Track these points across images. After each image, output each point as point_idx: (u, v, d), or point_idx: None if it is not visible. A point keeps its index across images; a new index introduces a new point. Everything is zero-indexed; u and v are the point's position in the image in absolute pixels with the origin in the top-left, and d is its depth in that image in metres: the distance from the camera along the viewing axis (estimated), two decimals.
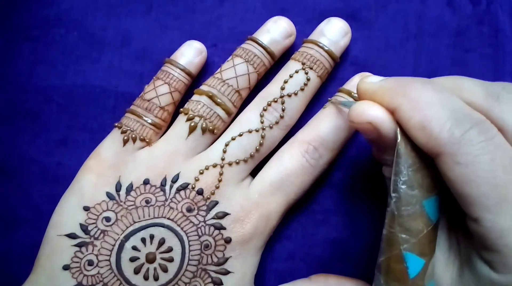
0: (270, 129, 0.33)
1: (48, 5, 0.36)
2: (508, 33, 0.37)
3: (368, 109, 0.26)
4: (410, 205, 0.25)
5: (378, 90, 0.26)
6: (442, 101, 0.24)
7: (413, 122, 0.24)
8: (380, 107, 0.26)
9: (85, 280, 0.30)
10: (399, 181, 0.25)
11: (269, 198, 0.32)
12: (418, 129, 0.24)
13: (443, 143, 0.23)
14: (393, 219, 0.25)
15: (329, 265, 0.35)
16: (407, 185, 0.25)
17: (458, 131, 0.23)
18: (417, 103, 0.24)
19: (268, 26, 0.34)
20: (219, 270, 0.31)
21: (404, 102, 0.25)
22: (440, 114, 0.24)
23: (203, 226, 0.31)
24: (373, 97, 0.26)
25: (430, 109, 0.24)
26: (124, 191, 0.32)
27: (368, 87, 0.27)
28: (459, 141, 0.23)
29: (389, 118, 0.25)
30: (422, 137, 0.24)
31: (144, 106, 0.33)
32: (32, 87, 0.36)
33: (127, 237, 0.31)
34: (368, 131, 0.26)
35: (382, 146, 0.27)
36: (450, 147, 0.23)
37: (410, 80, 0.26)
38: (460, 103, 0.25)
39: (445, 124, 0.24)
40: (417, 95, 0.25)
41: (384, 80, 0.27)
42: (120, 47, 0.36)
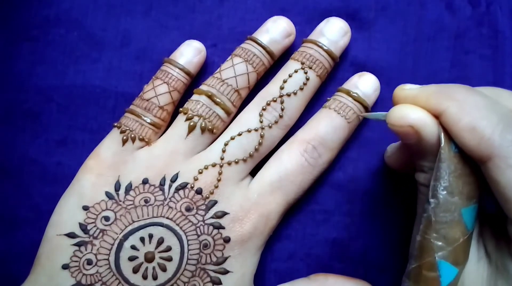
0: (269, 128, 0.33)
1: (48, 5, 0.36)
2: (507, 34, 0.36)
3: (410, 111, 0.25)
4: (448, 212, 0.24)
5: (421, 94, 0.26)
6: (490, 105, 0.24)
7: (462, 124, 0.24)
8: (423, 110, 0.25)
9: (84, 279, 0.30)
10: (439, 186, 0.24)
11: (269, 197, 0.32)
12: (468, 131, 0.24)
13: (496, 146, 0.23)
14: (429, 225, 0.24)
15: (329, 265, 0.35)
16: (447, 191, 0.24)
17: (510, 134, 0.23)
18: (465, 106, 0.24)
19: (268, 26, 0.34)
20: (218, 269, 0.31)
21: (451, 104, 0.24)
22: (490, 116, 0.24)
23: (202, 225, 0.31)
24: (415, 101, 0.26)
25: (479, 112, 0.24)
26: (123, 190, 0.32)
27: (408, 93, 0.27)
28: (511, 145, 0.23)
29: (432, 121, 0.25)
30: (473, 139, 0.23)
31: (143, 106, 0.33)
32: (32, 87, 0.36)
33: (126, 237, 0.30)
34: (409, 135, 0.25)
35: (421, 151, 0.26)
36: (504, 150, 0.23)
37: (453, 85, 0.26)
38: (506, 108, 0.25)
39: (497, 127, 0.23)
40: (464, 98, 0.24)
41: (424, 86, 0.27)
42: (120, 47, 0.36)
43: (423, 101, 0.26)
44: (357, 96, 0.33)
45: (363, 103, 0.33)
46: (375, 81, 0.35)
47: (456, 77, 0.36)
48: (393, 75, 0.36)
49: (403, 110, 0.25)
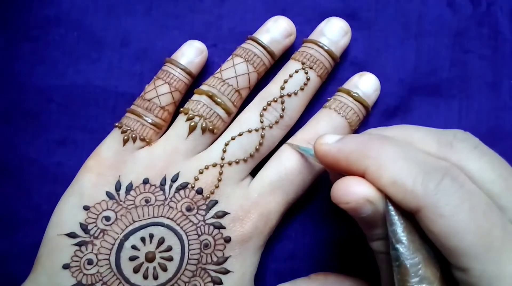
0: (270, 128, 0.33)
1: (48, 5, 0.36)
2: (507, 36, 0.37)
3: (357, 185, 0.25)
4: (417, 251, 0.24)
5: (340, 154, 0.26)
6: (405, 154, 0.24)
7: (384, 181, 0.24)
8: (365, 181, 0.25)
9: (85, 279, 0.30)
10: (398, 229, 0.24)
11: (269, 197, 0.32)
12: (391, 187, 0.24)
13: (421, 197, 0.23)
14: (406, 272, 0.23)
15: (329, 265, 0.35)
16: (407, 231, 0.24)
17: (432, 183, 0.23)
18: (382, 161, 0.24)
19: (268, 26, 0.34)
20: (219, 269, 0.31)
21: (370, 163, 0.25)
22: (408, 167, 0.24)
23: (203, 225, 0.31)
24: (336, 162, 0.26)
25: (396, 164, 0.24)
26: (123, 190, 0.32)
27: (327, 149, 0.27)
28: (436, 193, 0.23)
29: (375, 188, 0.25)
30: (397, 194, 0.24)
31: (144, 106, 0.33)
32: (32, 87, 0.36)
33: (126, 236, 0.31)
34: (364, 208, 0.25)
35: (371, 221, 0.26)
36: (429, 200, 0.23)
37: (367, 139, 0.26)
38: (422, 154, 0.25)
39: (417, 177, 0.23)
40: (379, 153, 0.25)
41: (340, 142, 0.27)
42: (120, 47, 0.36)
43: (344, 163, 0.26)
44: (357, 96, 0.33)
45: (364, 103, 0.34)
46: (376, 81, 0.35)
47: (456, 76, 0.36)
48: (393, 74, 0.36)
49: (351, 186, 0.25)
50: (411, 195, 0.23)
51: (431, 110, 0.36)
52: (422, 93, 0.36)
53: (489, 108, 0.36)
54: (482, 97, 0.36)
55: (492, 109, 0.36)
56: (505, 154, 0.27)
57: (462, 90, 0.36)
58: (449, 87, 0.36)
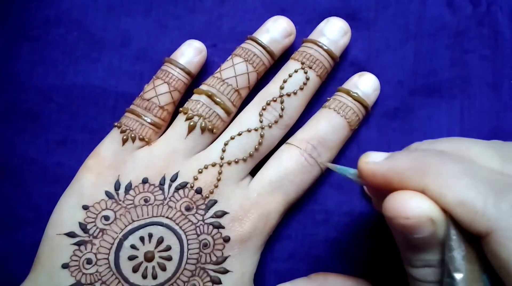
0: (269, 128, 0.33)
1: (48, 5, 0.36)
2: (507, 36, 0.36)
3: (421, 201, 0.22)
4: (475, 283, 0.22)
5: (391, 173, 0.24)
6: (469, 171, 0.22)
7: (449, 200, 0.22)
8: (426, 197, 0.22)
9: (84, 278, 0.30)
10: (458, 256, 0.22)
11: (268, 197, 0.32)
12: (457, 207, 0.21)
13: (493, 219, 0.21)
14: None
15: (329, 265, 0.35)
16: (467, 260, 0.22)
17: (505, 204, 0.21)
18: (444, 178, 0.22)
19: (268, 26, 0.34)
20: (218, 269, 0.31)
21: (429, 181, 0.22)
22: (475, 185, 0.22)
23: (202, 225, 0.31)
24: (387, 182, 0.24)
25: (461, 182, 0.22)
26: (123, 190, 0.32)
27: (375, 169, 0.24)
28: (510, 215, 0.21)
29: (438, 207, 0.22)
30: (465, 214, 0.21)
31: (143, 106, 0.33)
32: (32, 87, 0.36)
33: (125, 236, 0.30)
34: (425, 228, 0.22)
35: (429, 243, 0.23)
36: (503, 223, 0.20)
37: (421, 155, 0.24)
38: (486, 170, 0.23)
39: (488, 197, 0.21)
40: (440, 169, 0.23)
41: (390, 159, 0.24)
42: (120, 47, 0.36)
43: (397, 182, 0.23)
44: (357, 96, 0.33)
45: (363, 103, 0.33)
46: (375, 81, 0.35)
47: (456, 76, 0.36)
48: (393, 75, 0.36)
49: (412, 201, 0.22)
50: (482, 217, 0.21)
51: (433, 110, 0.36)
52: (423, 94, 0.36)
53: (490, 109, 0.36)
54: (483, 98, 0.36)
55: (493, 109, 0.36)
56: None
57: (463, 90, 0.36)
58: (450, 88, 0.36)
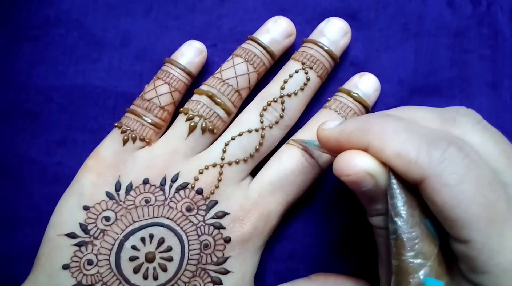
0: (269, 129, 0.33)
1: (48, 5, 0.36)
2: (507, 35, 0.36)
3: (359, 158, 0.24)
4: (415, 226, 0.23)
5: (341, 135, 0.26)
6: (408, 127, 0.24)
7: (387, 153, 0.24)
8: (367, 154, 0.25)
9: (85, 279, 0.30)
10: (399, 202, 0.24)
11: (269, 197, 0.32)
12: (395, 158, 0.23)
13: (425, 166, 0.23)
14: (402, 245, 0.23)
15: (329, 265, 0.35)
16: (408, 205, 0.24)
17: (436, 151, 0.23)
18: (384, 134, 0.24)
19: (268, 26, 0.34)
20: (219, 269, 0.31)
21: (372, 138, 0.24)
22: (411, 138, 0.24)
23: (203, 225, 0.31)
24: (339, 144, 0.26)
25: (399, 136, 0.24)
26: (123, 190, 0.31)
27: (329, 134, 0.27)
28: (441, 161, 0.23)
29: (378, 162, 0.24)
30: (401, 165, 0.23)
31: (144, 106, 0.33)
32: (32, 87, 0.36)
33: (126, 237, 0.30)
34: (365, 182, 0.25)
35: (373, 195, 0.25)
36: (434, 169, 0.22)
37: (368, 116, 0.26)
38: (425, 128, 0.25)
39: (421, 147, 0.23)
40: (381, 127, 0.24)
41: (342, 124, 0.26)
42: (120, 47, 0.36)
43: (346, 142, 0.25)
44: (357, 96, 0.33)
45: (364, 103, 0.33)
46: (376, 81, 0.35)
47: (456, 76, 0.36)
48: (393, 75, 0.36)
49: (352, 159, 0.25)
50: (415, 165, 0.23)
51: None
52: (423, 93, 0.36)
53: (490, 108, 0.36)
54: (483, 97, 0.36)
55: (493, 109, 0.36)
56: None
57: (463, 90, 0.36)
58: (449, 87, 0.36)
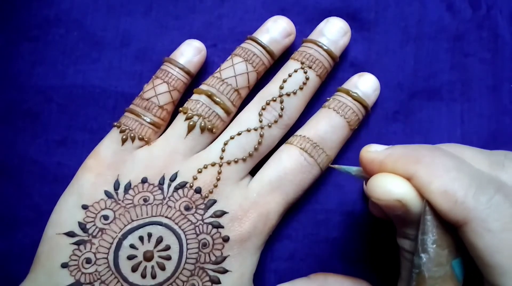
0: (269, 128, 0.33)
1: (48, 5, 0.36)
2: (507, 39, 0.36)
3: (393, 184, 0.24)
4: (441, 266, 0.24)
5: (388, 159, 0.25)
6: (459, 166, 0.24)
7: (433, 188, 0.23)
8: (404, 181, 0.24)
9: (83, 278, 0.30)
10: (429, 240, 0.24)
11: (268, 197, 0.32)
12: (440, 195, 0.23)
13: (471, 209, 0.22)
14: (423, 281, 0.24)
15: (329, 265, 0.35)
16: (437, 244, 0.24)
17: (484, 197, 0.23)
18: (434, 168, 0.24)
19: (268, 26, 0.34)
20: (217, 268, 0.31)
21: (420, 168, 0.24)
22: (461, 178, 0.23)
23: (201, 224, 0.31)
24: (382, 167, 0.26)
25: (449, 174, 0.23)
26: (122, 189, 0.31)
27: (374, 156, 0.26)
28: (487, 207, 0.22)
29: (415, 192, 0.24)
30: (446, 203, 0.23)
31: (143, 105, 0.33)
32: (32, 87, 0.36)
33: (125, 235, 0.30)
34: (396, 209, 0.25)
35: (406, 221, 0.25)
36: (479, 213, 0.22)
37: (419, 146, 0.26)
38: (475, 168, 0.24)
39: (469, 189, 0.23)
40: (432, 160, 0.24)
41: (390, 148, 0.26)
42: (120, 47, 0.36)
43: (391, 166, 0.25)
44: (357, 96, 0.33)
45: (363, 103, 0.33)
46: (375, 81, 0.35)
47: (456, 79, 0.36)
48: (392, 76, 0.36)
49: (384, 182, 0.25)
50: (460, 206, 0.23)
51: (433, 113, 0.36)
52: (423, 97, 0.36)
53: (491, 112, 0.36)
54: (483, 101, 0.36)
55: (493, 113, 0.36)
56: None
57: (463, 93, 0.36)
58: (450, 91, 0.36)
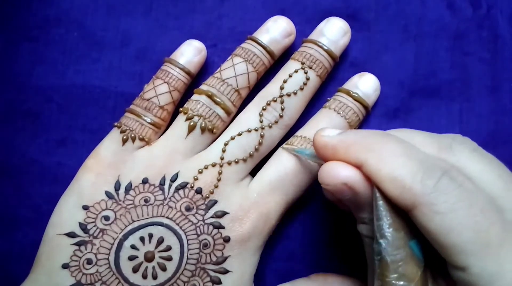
0: (269, 128, 0.33)
1: (48, 5, 0.36)
2: (507, 39, 0.37)
3: (339, 169, 0.25)
4: (400, 248, 0.24)
5: (340, 146, 0.26)
6: (407, 152, 0.25)
7: (382, 174, 0.24)
8: (350, 166, 0.25)
9: (84, 278, 0.30)
10: (385, 224, 0.24)
11: (268, 197, 0.32)
12: (389, 181, 0.24)
13: (418, 194, 0.23)
14: (386, 267, 0.24)
15: (329, 265, 0.35)
16: (393, 228, 0.24)
17: (430, 181, 0.23)
18: (383, 155, 0.24)
19: (268, 26, 0.34)
20: (218, 269, 0.31)
21: (370, 156, 0.25)
22: (408, 164, 0.24)
23: (202, 225, 0.31)
24: (334, 153, 0.26)
25: (397, 160, 0.24)
26: (123, 190, 0.31)
27: (327, 141, 0.27)
28: (434, 190, 0.23)
29: (361, 176, 0.25)
30: (395, 189, 0.24)
31: (143, 106, 0.33)
32: (32, 87, 0.36)
33: (126, 236, 0.30)
34: (344, 192, 0.25)
35: (358, 205, 0.26)
36: (427, 197, 0.23)
37: (369, 133, 0.26)
38: (423, 153, 0.25)
39: (416, 175, 0.24)
40: (381, 147, 0.25)
41: (342, 134, 0.27)
42: (120, 47, 0.36)
43: (343, 153, 0.26)
44: (357, 96, 0.33)
45: (363, 103, 0.34)
46: (375, 81, 0.35)
47: (456, 78, 0.36)
48: (393, 76, 0.36)
49: (331, 168, 0.26)
50: (408, 192, 0.23)
51: (433, 112, 0.36)
52: (423, 95, 0.36)
53: (490, 112, 0.36)
54: (482, 101, 0.36)
55: (492, 112, 0.36)
56: (506, 158, 0.28)
57: (463, 92, 0.36)
58: (449, 90, 0.36)
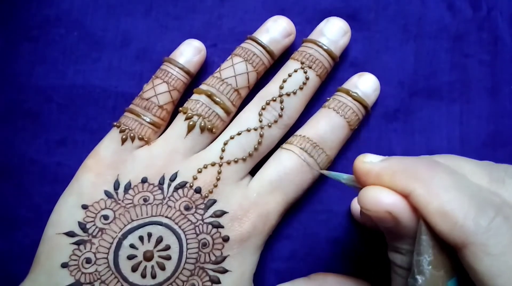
0: (268, 128, 0.33)
1: (48, 5, 0.36)
2: (507, 41, 0.36)
3: (383, 195, 0.24)
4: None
5: (384, 173, 0.24)
6: (457, 184, 0.23)
7: (432, 208, 0.22)
8: (395, 194, 0.24)
9: (83, 277, 0.30)
10: (425, 261, 0.23)
11: (268, 197, 0.32)
12: (439, 216, 0.22)
13: (471, 233, 0.22)
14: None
15: (329, 265, 0.35)
16: (432, 265, 0.23)
17: (484, 220, 0.22)
18: (432, 187, 0.23)
19: (268, 25, 0.34)
20: (217, 268, 0.31)
21: (418, 186, 0.23)
22: (460, 199, 0.22)
23: (201, 224, 0.31)
24: (378, 180, 0.24)
25: (448, 193, 0.23)
26: (122, 189, 0.31)
27: (369, 168, 0.25)
28: (487, 230, 0.22)
29: (407, 205, 0.23)
30: (445, 225, 0.22)
31: (142, 105, 0.33)
32: (32, 87, 0.36)
33: (125, 235, 0.30)
34: (386, 220, 0.24)
35: (398, 235, 0.25)
36: (479, 237, 0.22)
37: (416, 160, 0.25)
38: (475, 187, 0.24)
39: (469, 211, 0.22)
40: (430, 177, 0.23)
41: (387, 161, 0.25)
42: (120, 47, 0.36)
43: (387, 180, 0.24)
44: (356, 96, 0.33)
45: (363, 103, 0.33)
46: (375, 81, 0.35)
47: (456, 79, 0.36)
48: (392, 76, 0.36)
49: (375, 194, 0.24)
50: (460, 229, 0.22)
51: (433, 113, 0.36)
52: (423, 96, 0.36)
53: (489, 114, 0.36)
54: (482, 102, 0.36)
55: (492, 114, 0.36)
56: (506, 160, 0.27)
57: (463, 94, 0.36)
58: (449, 91, 0.36)
